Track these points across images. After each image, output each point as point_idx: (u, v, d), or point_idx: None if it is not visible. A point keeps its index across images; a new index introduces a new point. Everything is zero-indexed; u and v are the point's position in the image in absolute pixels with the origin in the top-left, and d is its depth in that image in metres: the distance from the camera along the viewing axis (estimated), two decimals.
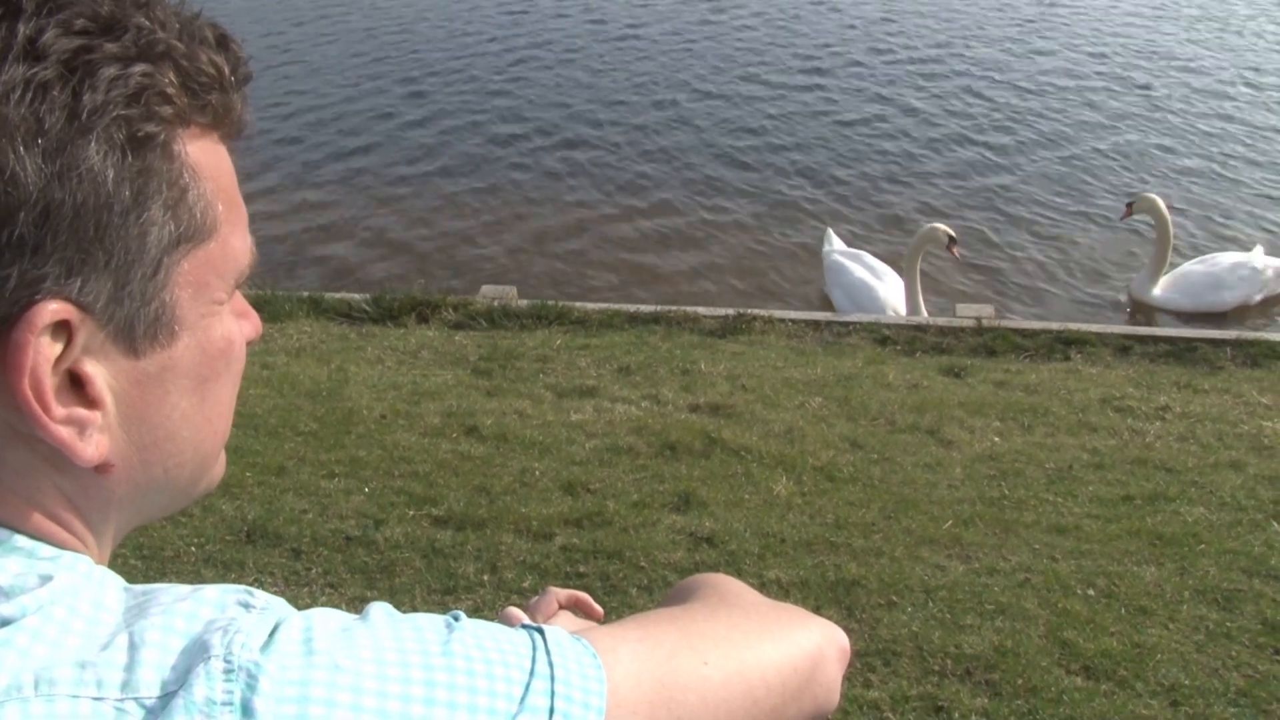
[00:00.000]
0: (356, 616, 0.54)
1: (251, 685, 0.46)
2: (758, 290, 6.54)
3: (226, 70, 0.55)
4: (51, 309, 0.47)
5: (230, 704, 0.45)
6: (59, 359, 0.48)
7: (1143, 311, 6.20)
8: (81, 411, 0.49)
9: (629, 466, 3.18)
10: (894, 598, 2.33)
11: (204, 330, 0.55)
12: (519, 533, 2.68)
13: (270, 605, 0.51)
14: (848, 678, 2.03)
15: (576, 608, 1.08)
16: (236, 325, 0.59)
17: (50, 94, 0.47)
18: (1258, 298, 6.00)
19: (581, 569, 2.50)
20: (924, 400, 3.96)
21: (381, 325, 5.46)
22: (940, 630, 2.18)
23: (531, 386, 4.24)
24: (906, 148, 8.28)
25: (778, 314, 5.59)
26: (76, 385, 0.50)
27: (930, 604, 2.30)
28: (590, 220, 7.47)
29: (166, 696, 0.45)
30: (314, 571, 2.48)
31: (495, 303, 5.68)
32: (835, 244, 6.34)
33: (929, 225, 5.99)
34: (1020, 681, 2.01)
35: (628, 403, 3.93)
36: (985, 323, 5.37)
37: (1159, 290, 6.08)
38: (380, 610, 0.56)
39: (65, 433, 0.49)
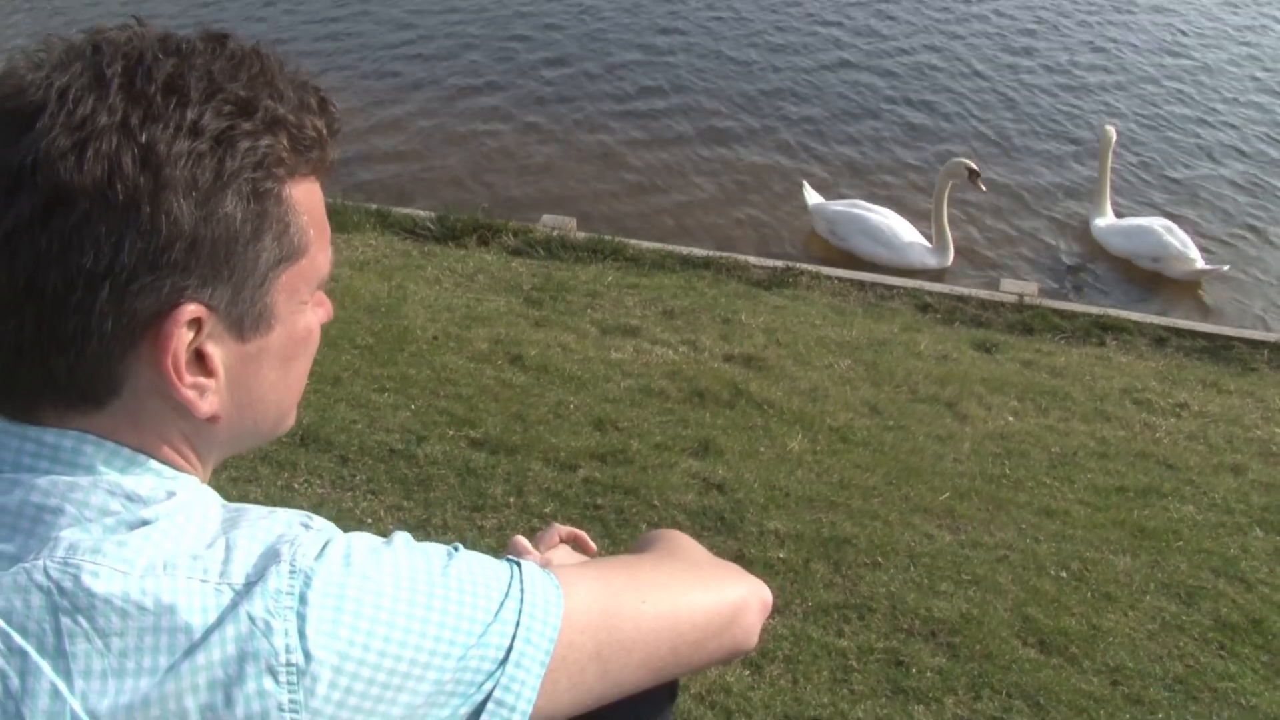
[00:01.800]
0: (384, 540, 0.77)
1: (307, 583, 0.69)
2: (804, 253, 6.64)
3: (325, 131, 0.79)
4: (190, 309, 0.70)
5: (291, 594, 0.68)
6: (190, 342, 0.71)
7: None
8: (202, 379, 0.73)
9: (657, 409, 3.40)
10: (879, 559, 2.54)
11: (291, 323, 0.79)
12: (547, 461, 2.92)
13: (324, 528, 0.75)
14: (821, 625, 2.26)
15: (574, 543, 1.32)
16: (315, 316, 0.84)
17: (204, 161, 0.70)
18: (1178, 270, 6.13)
19: (599, 501, 2.73)
20: (949, 372, 4.12)
21: (443, 245, 5.70)
22: (915, 593, 2.39)
23: (578, 321, 4.45)
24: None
25: (825, 270, 5.73)
26: (199, 360, 0.73)
27: (912, 568, 2.51)
28: (662, 161, 7.59)
29: (249, 584, 0.68)
30: (358, 478, 2.74)
31: (554, 232, 5.89)
32: (815, 196, 6.45)
33: (951, 159, 6.18)
34: (978, 647, 2.22)
35: (666, 345, 4.14)
36: (1027, 300, 5.48)
37: (1102, 223, 6.44)
38: (401, 537, 0.79)
39: (191, 394, 0.73)
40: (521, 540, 1.21)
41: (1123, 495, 3.09)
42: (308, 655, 0.67)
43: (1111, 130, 6.47)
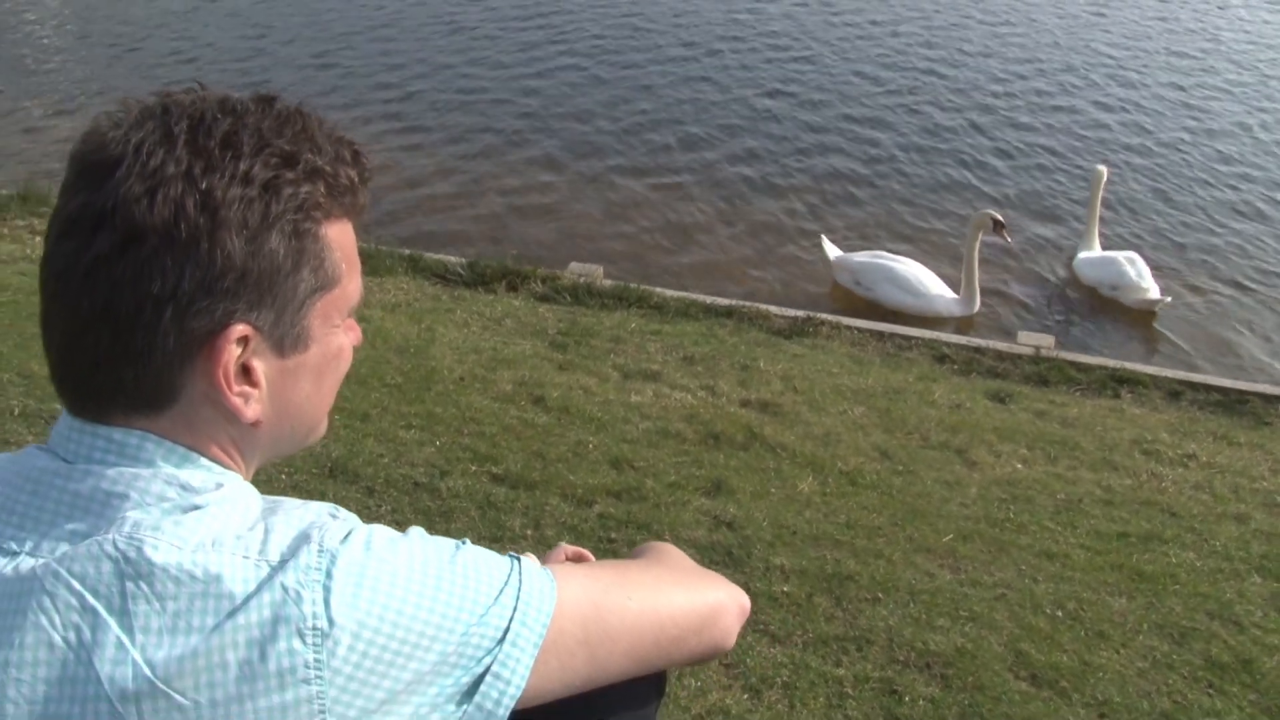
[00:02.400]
0: (402, 533, 0.91)
1: (333, 561, 0.82)
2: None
3: (356, 179, 0.94)
4: (239, 329, 0.85)
5: (319, 570, 0.81)
6: (238, 357, 0.86)
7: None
8: (248, 389, 0.88)
9: (673, 450, 3.52)
10: (880, 594, 2.63)
11: (325, 343, 0.94)
12: (564, 497, 3.05)
13: (349, 518, 0.89)
14: (820, 654, 2.36)
15: (579, 560, 1.44)
16: (346, 339, 0.98)
17: (253, 205, 0.85)
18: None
19: (613, 535, 2.85)
20: (961, 421, 4.21)
21: (473, 289, 5.88)
22: (913, 627, 2.49)
23: (601, 365, 4.59)
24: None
25: (845, 320, 5.85)
26: (246, 372, 0.87)
27: (911, 604, 2.60)
28: (688, 214, 7.77)
29: (283, 561, 0.81)
30: (384, 509, 2.88)
31: (581, 279, 6.05)
32: (835, 249, 6.65)
33: (978, 211, 6.41)
34: (971, 679, 2.31)
35: (685, 390, 4.27)
36: (1044, 352, 5.57)
37: (1082, 255, 6.81)
38: (415, 531, 0.92)
39: (238, 401, 0.87)
40: (531, 557, 1.35)
41: (1124, 541, 3.17)
42: (331, 622, 0.80)
43: (1103, 169, 6.91)
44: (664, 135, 8.87)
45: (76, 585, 0.80)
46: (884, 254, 6.55)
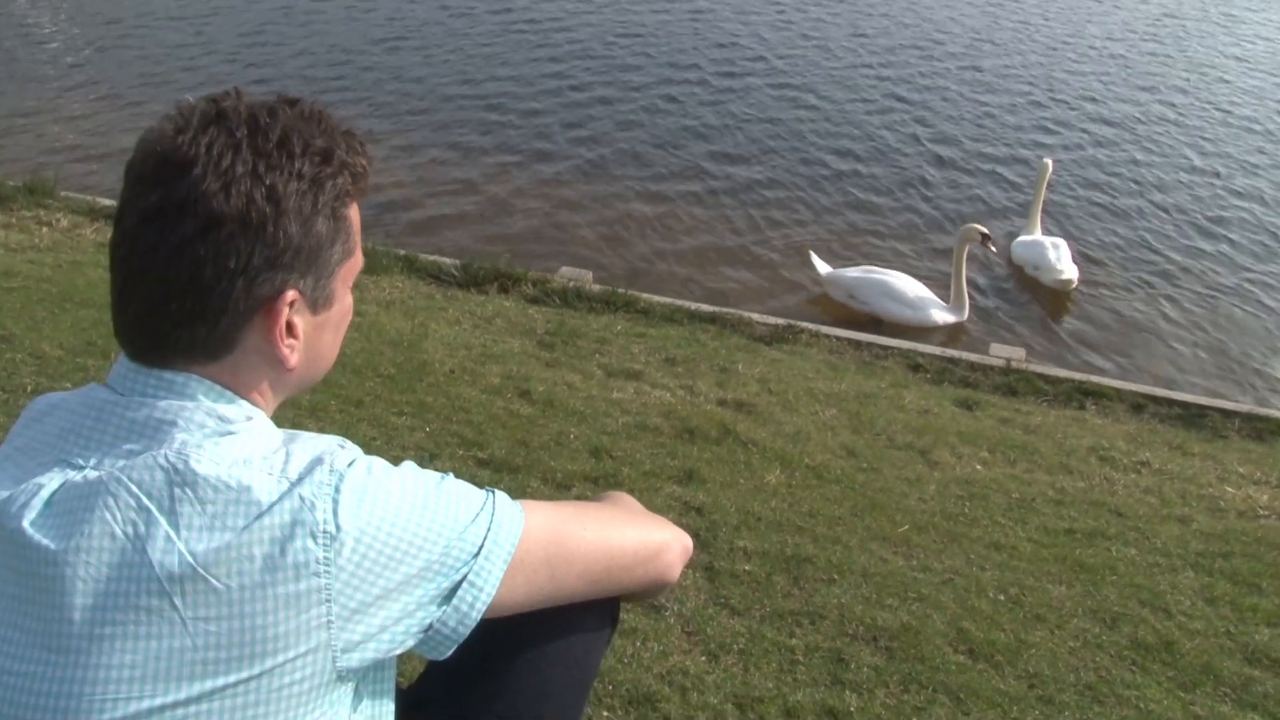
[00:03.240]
0: (395, 465, 1.10)
1: (341, 480, 1.02)
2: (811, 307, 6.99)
3: (366, 167, 1.14)
4: (291, 294, 1.05)
5: (330, 485, 1.01)
6: (287, 316, 1.05)
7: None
8: (292, 340, 1.08)
9: (650, 442, 3.72)
10: (835, 576, 2.83)
11: (342, 301, 1.14)
12: (545, 481, 3.24)
13: (354, 449, 1.08)
14: (775, 627, 2.55)
15: None
16: (350, 298, 1.18)
17: (305, 195, 1.05)
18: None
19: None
20: (927, 424, 4.42)
21: (465, 290, 6.07)
22: (863, 605, 2.68)
23: (586, 364, 4.79)
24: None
25: (825, 329, 6.06)
26: (289, 328, 1.07)
27: (864, 585, 2.80)
28: (680, 220, 8.00)
29: (300, 478, 1.01)
30: None
31: (571, 284, 6.26)
32: (825, 265, 6.92)
33: (965, 225, 6.81)
34: (913, 651, 2.51)
35: (665, 389, 4.47)
36: (1014, 364, 5.78)
37: (1018, 239, 7.49)
38: (408, 463, 1.12)
39: (286, 351, 1.07)
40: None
41: (1070, 536, 3.37)
42: (338, 527, 1.00)
43: (1048, 162, 7.81)
44: (662, 150, 9.12)
45: (134, 489, 0.99)
46: (874, 269, 6.79)
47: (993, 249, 6.82)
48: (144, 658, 0.97)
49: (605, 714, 2.15)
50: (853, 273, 6.77)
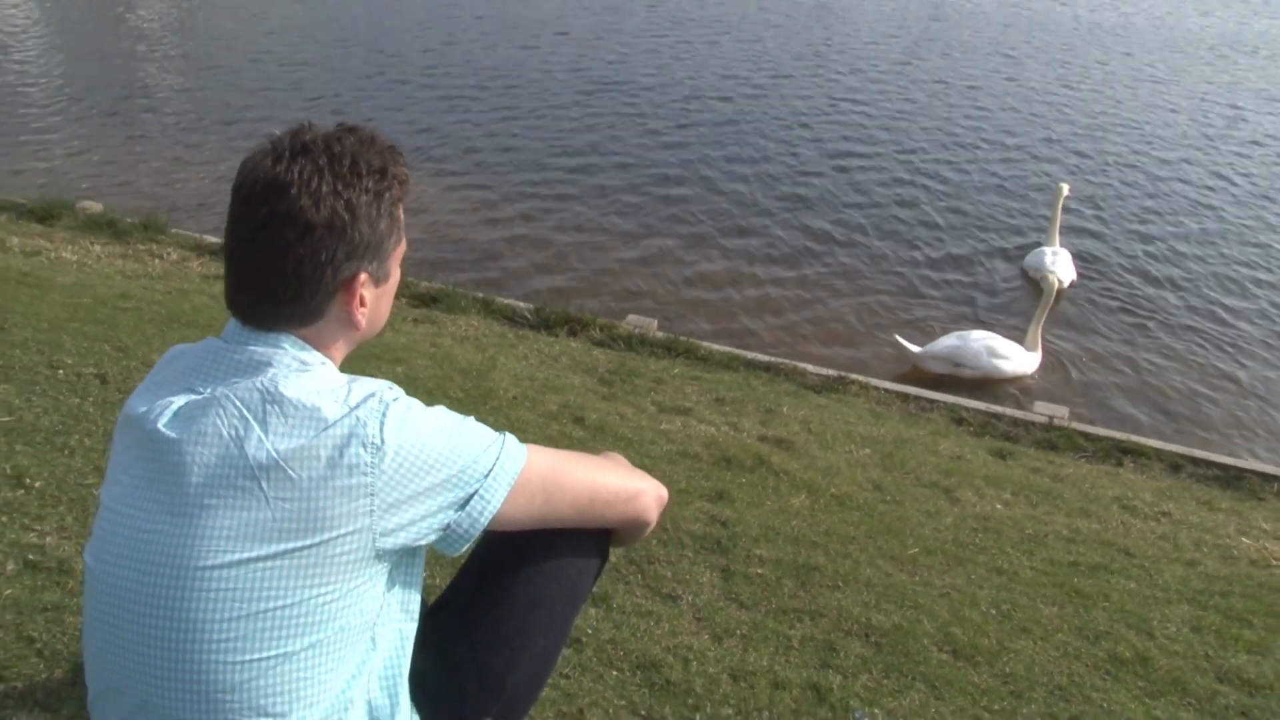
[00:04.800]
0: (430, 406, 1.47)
1: (387, 409, 1.40)
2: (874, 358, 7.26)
3: (407, 175, 1.53)
4: (363, 276, 1.46)
5: (379, 411, 1.39)
6: (360, 291, 1.44)
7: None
8: (362, 309, 1.47)
9: (688, 467, 4.05)
10: (840, 584, 3.11)
11: (394, 276, 1.54)
12: None
13: (399, 390, 1.45)
14: (777, 620, 2.85)
15: None
16: (399, 272, 1.56)
17: (372, 204, 1.46)
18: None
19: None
20: (957, 468, 4.67)
21: (536, 331, 6.50)
22: (861, 608, 2.97)
23: (640, 400, 5.15)
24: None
25: (874, 381, 6.34)
26: (361, 300, 1.45)
27: (865, 593, 3.08)
28: (749, 275, 8.38)
29: (357, 404, 1.39)
30: None
31: (636, 330, 6.65)
32: (914, 345, 7.23)
33: (1047, 279, 7.66)
34: (900, 647, 2.78)
35: (710, 424, 4.80)
36: (1056, 421, 5.98)
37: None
38: (441, 405, 1.49)
39: (360, 318, 1.47)
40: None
41: (1073, 568, 3.60)
42: (383, 440, 1.37)
43: (1064, 186, 8.87)
44: (737, 208, 9.53)
45: (238, 403, 1.38)
46: (962, 334, 7.09)
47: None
48: (237, 523, 1.35)
49: (615, 673, 2.47)
50: (947, 342, 7.03)
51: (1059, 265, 8.37)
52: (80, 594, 2.39)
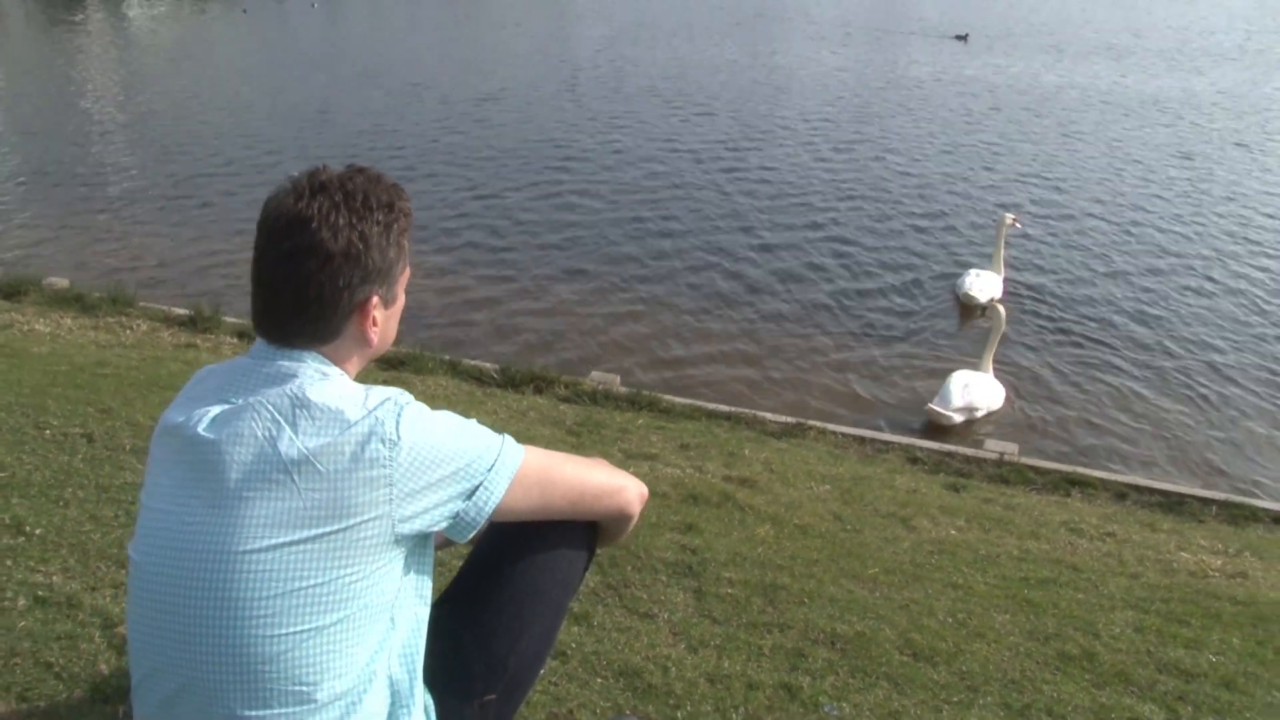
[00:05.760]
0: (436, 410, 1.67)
1: (401, 410, 1.60)
2: (832, 404, 7.51)
3: (410, 209, 1.75)
4: (375, 299, 1.66)
5: (394, 413, 1.59)
6: (372, 312, 1.64)
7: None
8: (374, 328, 1.67)
9: (658, 504, 4.23)
10: (805, 600, 3.30)
11: (400, 298, 1.75)
12: None
13: (410, 395, 1.65)
14: (748, 633, 3.03)
15: None
16: (404, 296, 1.77)
17: (383, 235, 1.67)
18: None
19: (598, 552, 3.54)
20: (912, 500, 4.89)
21: (504, 390, 6.68)
22: (826, 620, 3.15)
23: (608, 448, 5.34)
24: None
25: (831, 427, 6.58)
26: (373, 321, 1.66)
27: (829, 608, 3.27)
28: (702, 329, 8.64)
29: (375, 407, 1.59)
30: None
31: (600, 386, 6.86)
32: (938, 402, 7.52)
33: (995, 304, 8.06)
34: (864, 651, 2.96)
35: (676, 467, 5.00)
36: (1006, 457, 6.25)
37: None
38: (446, 409, 1.69)
39: (372, 336, 1.68)
40: None
41: (1024, 582, 3.81)
42: (399, 437, 1.57)
43: (1007, 216, 9.62)
44: (701, 270, 9.84)
45: (270, 408, 1.57)
46: (958, 375, 7.44)
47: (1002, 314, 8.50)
48: (272, 511, 1.53)
49: (600, 680, 2.63)
50: (956, 390, 7.33)
51: (978, 284, 9.16)
52: (90, 624, 2.52)
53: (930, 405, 7.31)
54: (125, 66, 20.78)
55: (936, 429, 7.25)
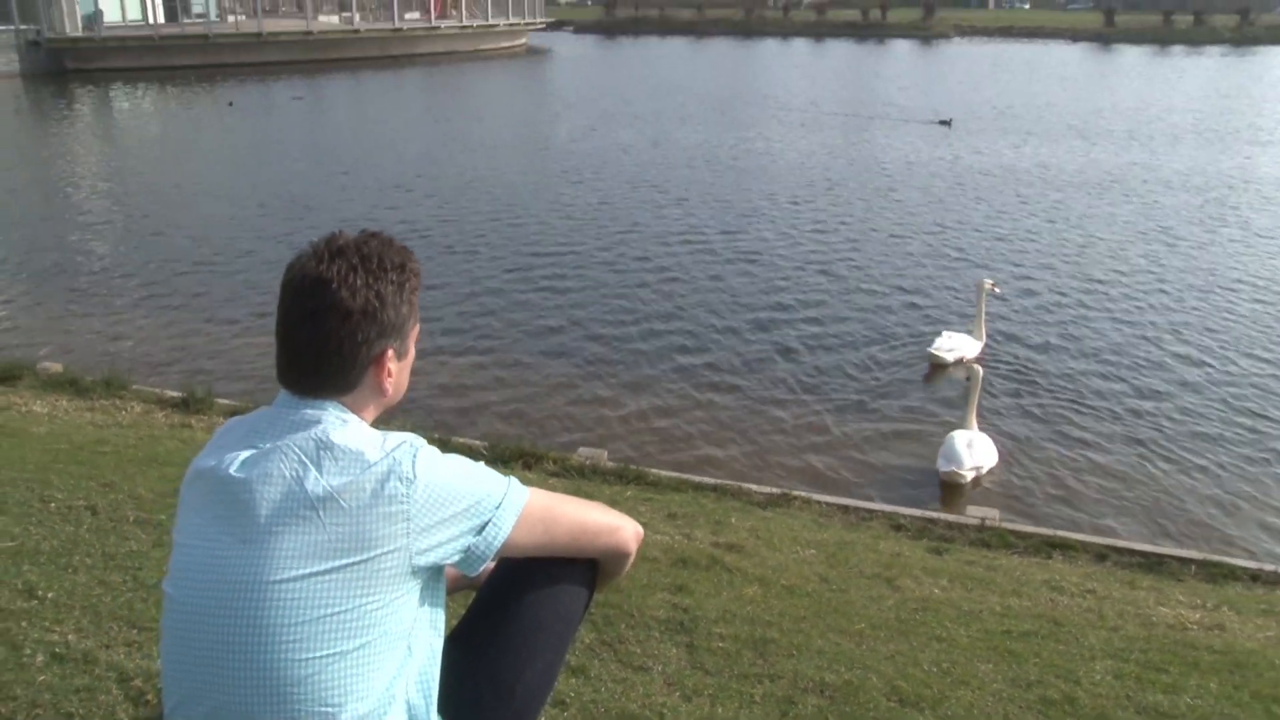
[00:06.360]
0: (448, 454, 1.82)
1: (416, 451, 1.75)
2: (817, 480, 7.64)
3: (419, 269, 1.91)
4: (390, 352, 1.82)
5: (411, 453, 1.74)
6: (387, 364, 1.80)
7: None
8: (390, 379, 1.82)
9: (648, 568, 4.34)
10: (795, 653, 3.41)
11: (411, 351, 1.91)
12: None
13: (422, 439, 1.80)
14: (740, 683, 3.12)
15: None
16: (414, 349, 1.93)
17: (397, 294, 1.84)
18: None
19: (594, 612, 3.65)
20: (896, 562, 5.01)
21: (494, 465, 6.76)
22: (815, 670, 3.26)
23: None
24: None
25: (816, 496, 6.71)
26: (388, 372, 1.81)
27: (818, 659, 3.37)
28: (686, 405, 8.79)
29: (392, 449, 1.74)
30: None
31: (588, 461, 6.97)
32: (944, 464, 7.70)
33: (973, 365, 8.19)
34: (853, 698, 3.06)
35: (665, 535, 5.10)
36: (988, 522, 6.37)
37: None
38: (456, 454, 1.83)
39: (388, 386, 1.83)
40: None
41: (1007, 635, 3.93)
42: (415, 476, 1.71)
43: (986, 281, 9.92)
44: (669, 345, 10.01)
45: (296, 450, 1.71)
46: (957, 434, 7.65)
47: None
48: (299, 544, 1.66)
49: None
50: (961, 449, 7.51)
51: (946, 343, 9.50)
52: (106, 678, 2.61)
53: (944, 468, 7.46)
54: (114, 156, 21.15)
55: (949, 489, 7.40)
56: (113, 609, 3.07)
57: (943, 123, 26.18)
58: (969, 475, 7.44)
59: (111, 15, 41.23)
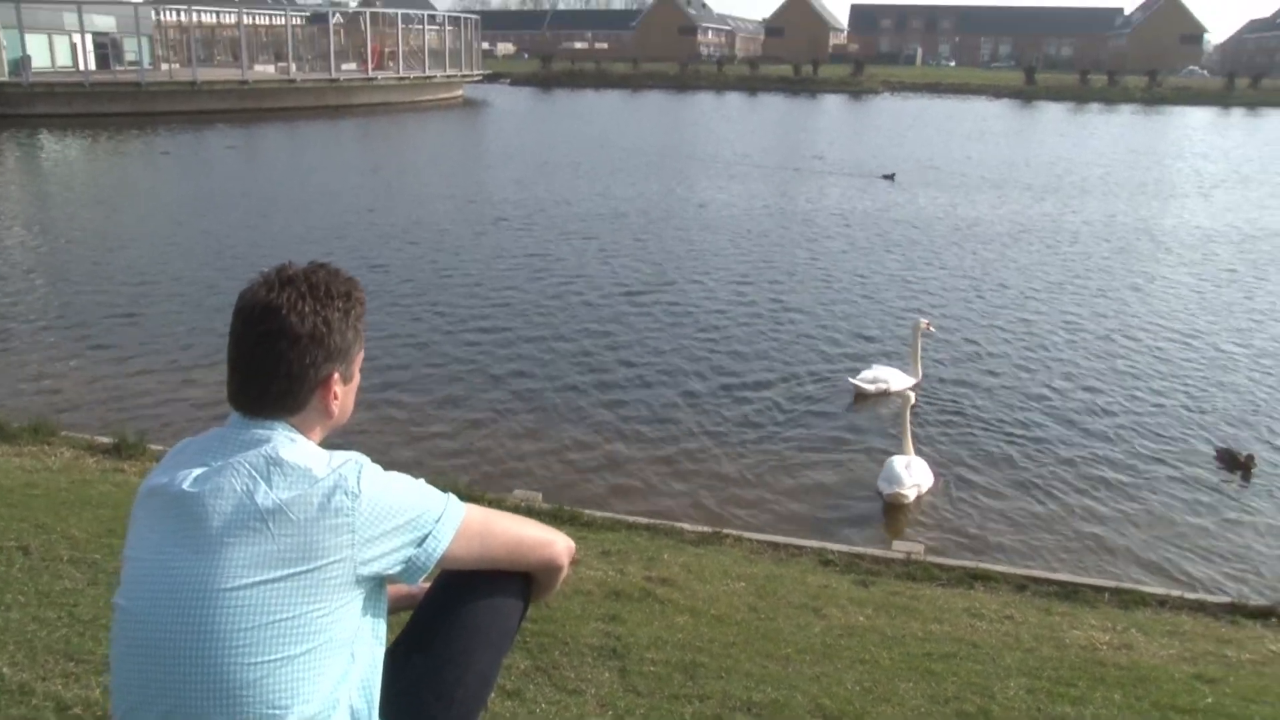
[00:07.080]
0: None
1: (361, 468, 1.87)
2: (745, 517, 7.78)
3: (364, 298, 2.04)
4: (336, 375, 1.95)
5: (355, 469, 1.86)
6: (333, 387, 1.91)
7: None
8: (334, 402, 1.94)
9: (582, 601, 4.44)
10: (723, 675, 3.53)
11: (356, 376, 2.03)
12: None
13: (365, 457, 1.92)
14: (670, 703, 3.24)
15: None
16: (359, 375, 2.05)
17: (343, 320, 1.97)
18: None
19: (529, 641, 3.74)
20: (823, 593, 5.17)
21: None
22: (742, 690, 3.38)
23: None
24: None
25: (747, 534, 6.86)
26: (334, 395, 1.93)
27: (746, 681, 3.50)
28: (619, 447, 8.91)
29: (338, 465, 1.86)
30: None
31: (523, 503, 7.05)
32: (886, 485, 7.99)
33: (905, 394, 8.51)
34: (778, 715, 3.19)
35: (599, 570, 5.21)
36: (914, 557, 6.56)
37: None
38: (397, 471, 1.95)
39: (334, 408, 1.95)
40: None
41: (927, 657, 4.09)
42: (360, 490, 1.82)
43: (922, 320, 10.38)
44: (597, 383, 10.15)
45: (247, 466, 1.82)
46: (895, 459, 7.94)
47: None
48: (249, 554, 1.76)
49: None
50: (900, 470, 7.81)
51: (869, 374, 9.92)
52: (44, 708, 2.65)
53: (887, 490, 7.79)
54: (41, 200, 20.90)
55: (892, 510, 7.73)
56: (49, 643, 3.10)
57: (886, 177, 26.82)
58: (911, 495, 7.75)
59: (40, 61, 40.75)
